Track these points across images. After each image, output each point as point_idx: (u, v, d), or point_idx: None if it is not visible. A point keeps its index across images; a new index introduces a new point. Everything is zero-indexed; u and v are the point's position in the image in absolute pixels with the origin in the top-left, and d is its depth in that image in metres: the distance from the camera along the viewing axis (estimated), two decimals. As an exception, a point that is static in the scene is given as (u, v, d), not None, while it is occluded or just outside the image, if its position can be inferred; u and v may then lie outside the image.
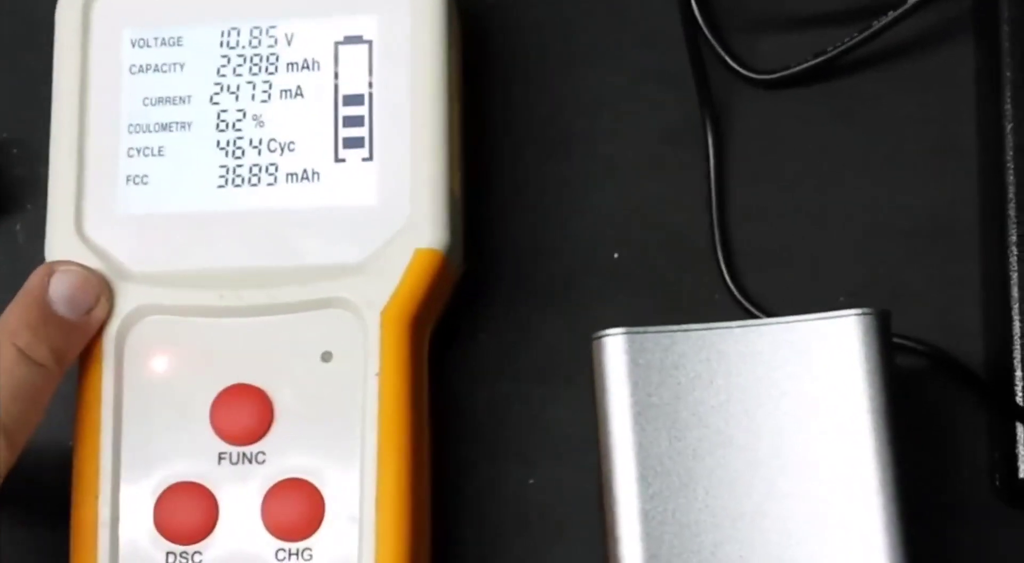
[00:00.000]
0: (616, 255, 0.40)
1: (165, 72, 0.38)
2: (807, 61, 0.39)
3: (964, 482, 0.37)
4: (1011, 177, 0.37)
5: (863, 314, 0.33)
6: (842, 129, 0.40)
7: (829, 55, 0.39)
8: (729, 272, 0.39)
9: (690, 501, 0.33)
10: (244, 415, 0.36)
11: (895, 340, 0.35)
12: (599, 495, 0.34)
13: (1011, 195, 0.37)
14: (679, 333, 0.34)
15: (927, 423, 0.38)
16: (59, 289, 0.35)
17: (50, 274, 0.36)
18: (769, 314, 0.37)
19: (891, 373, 0.33)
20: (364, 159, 0.37)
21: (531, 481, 0.38)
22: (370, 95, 0.38)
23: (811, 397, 0.34)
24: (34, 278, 0.36)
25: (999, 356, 0.37)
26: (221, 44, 0.38)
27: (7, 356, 0.34)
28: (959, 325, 0.38)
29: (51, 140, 0.38)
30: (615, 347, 0.34)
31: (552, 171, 0.40)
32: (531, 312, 0.39)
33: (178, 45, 0.38)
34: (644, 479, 0.33)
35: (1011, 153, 0.37)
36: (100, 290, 0.36)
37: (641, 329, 0.34)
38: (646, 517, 0.33)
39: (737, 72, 0.40)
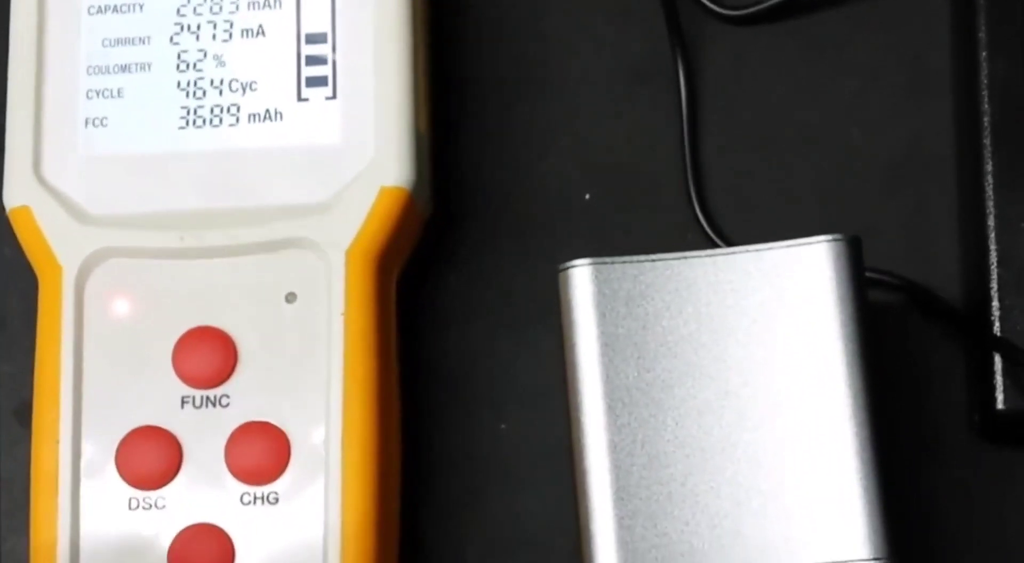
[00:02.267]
0: (587, 196, 0.39)
1: (124, 12, 0.37)
2: (779, -3, 0.39)
3: (940, 420, 0.37)
4: (986, 106, 0.36)
5: (833, 240, 0.33)
6: (814, 64, 0.39)
7: (799, -9, 0.39)
8: (702, 210, 0.38)
9: (659, 432, 0.32)
10: (207, 358, 0.36)
11: (868, 274, 0.35)
12: (567, 429, 0.33)
13: (986, 124, 0.36)
14: (646, 263, 0.33)
15: (902, 360, 0.37)
16: None
17: None
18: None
19: (863, 300, 0.33)
20: (327, 98, 0.37)
21: (502, 426, 0.38)
22: (333, 32, 0.37)
23: (782, 326, 0.33)
24: None
25: (975, 288, 0.36)
26: (181, -17, 0.38)
27: None
28: (934, 260, 0.38)
29: (8, 83, 0.37)
30: (581, 278, 0.33)
31: (521, 111, 0.40)
32: (501, 254, 0.39)
33: (137, -15, 0.38)
34: (612, 410, 0.33)
35: (986, 82, 0.36)
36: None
37: (608, 259, 0.33)
38: (614, 449, 0.32)
39: (707, 8, 0.39)
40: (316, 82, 0.37)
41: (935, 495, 0.37)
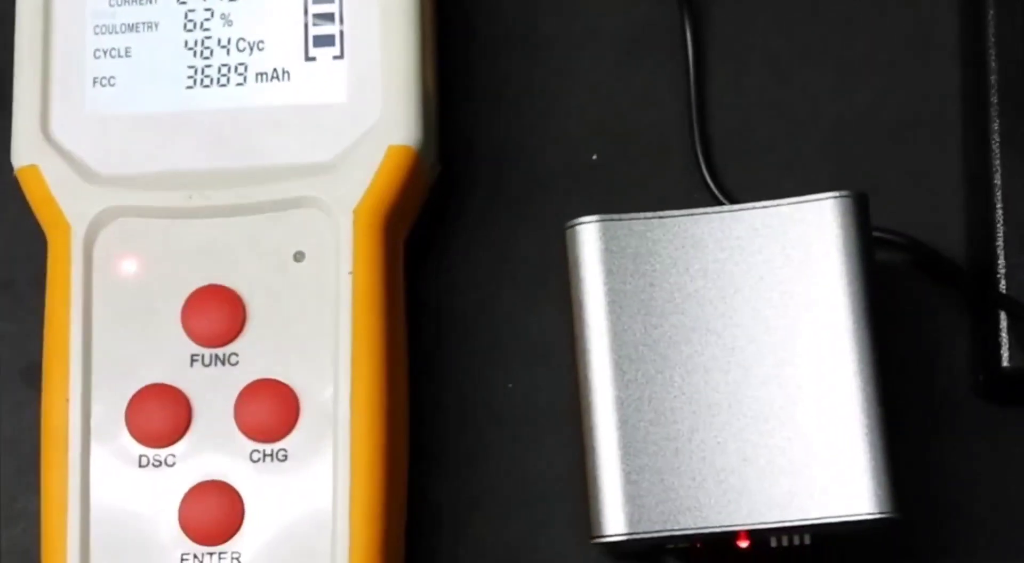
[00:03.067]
0: (594, 156, 0.39)
1: (131, -28, 0.38)
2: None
3: (945, 378, 0.37)
4: (993, 66, 0.36)
5: (840, 197, 0.33)
6: (820, 24, 0.39)
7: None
8: (708, 169, 0.38)
9: (666, 388, 0.33)
10: (216, 316, 0.36)
11: (874, 234, 0.35)
12: (575, 385, 0.34)
13: (993, 84, 0.36)
14: (654, 220, 0.33)
15: (907, 319, 0.37)
16: None
17: None
18: (748, 207, 0.37)
19: (870, 256, 0.33)
20: (335, 57, 0.37)
21: (509, 385, 0.38)
22: (340, -9, 0.37)
23: (788, 282, 0.33)
24: None
25: (981, 248, 0.36)
26: (188, -58, 0.38)
27: None
28: (940, 220, 0.38)
29: (15, 43, 0.37)
30: (589, 235, 0.33)
31: (527, 71, 0.40)
32: (508, 215, 0.39)
33: (144, -56, 0.38)
34: (619, 367, 0.33)
35: (993, 41, 0.36)
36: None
37: (615, 216, 0.33)
38: (622, 404, 0.33)
39: (714, -32, 0.39)
40: (323, 41, 0.37)
41: (939, 453, 0.37)
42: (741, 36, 0.39)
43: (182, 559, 0.35)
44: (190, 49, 0.37)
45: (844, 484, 0.32)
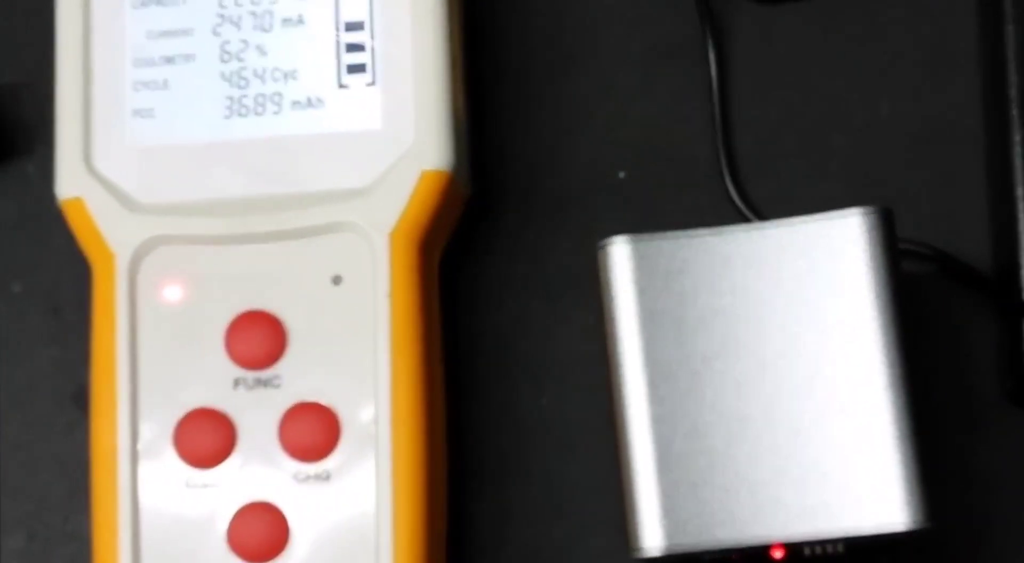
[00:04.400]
0: (622, 174, 0.40)
1: (167, 5, 0.38)
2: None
3: (974, 386, 0.37)
4: (1013, 77, 0.37)
5: (866, 213, 0.34)
6: (842, 39, 0.40)
7: (829, -33, 0.39)
8: (734, 185, 0.39)
9: (699, 404, 0.33)
10: (258, 340, 0.37)
11: (900, 245, 0.35)
12: (609, 403, 0.34)
13: (1013, 95, 0.37)
14: (683, 239, 0.34)
15: (934, 329, 0.38)
16: None
17: None
18: (776, 221, 0.38)
19: (896, 271, 0.34)
20: (368, 84, 0.38)
21: (543, 400, 0.39)
22: (371, 20, 0.38)
23: (817, 297, 0.34)
24: None
25: (1005, 256, 0.37)
26: (221, -25, 0.38)
27: None
28: (964, 229, 0.38)
29: (56, 78, 0.38)
30: (620, 254, 0.34)
31: (555, 91, 0.40)
32: (538, 232, 0.39)
33: (178, -22, 0.39)
34: (653, 384, 0.33)
35: (1012, 52, 0.37)
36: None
37: (646, 236, 0.34)
38: (656, 421, 0.33)
39: (736, -13, 0.40)
40: (356, 69, 0.38)
41: (970, 461, 0.37)
42: (763, 53, 0.40)
43: (230, 578, 0.36)
44: (226, 80, 0.38)
45: (877, 495, 0.33)
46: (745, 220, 0.38)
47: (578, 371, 0.38)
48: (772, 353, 0.34)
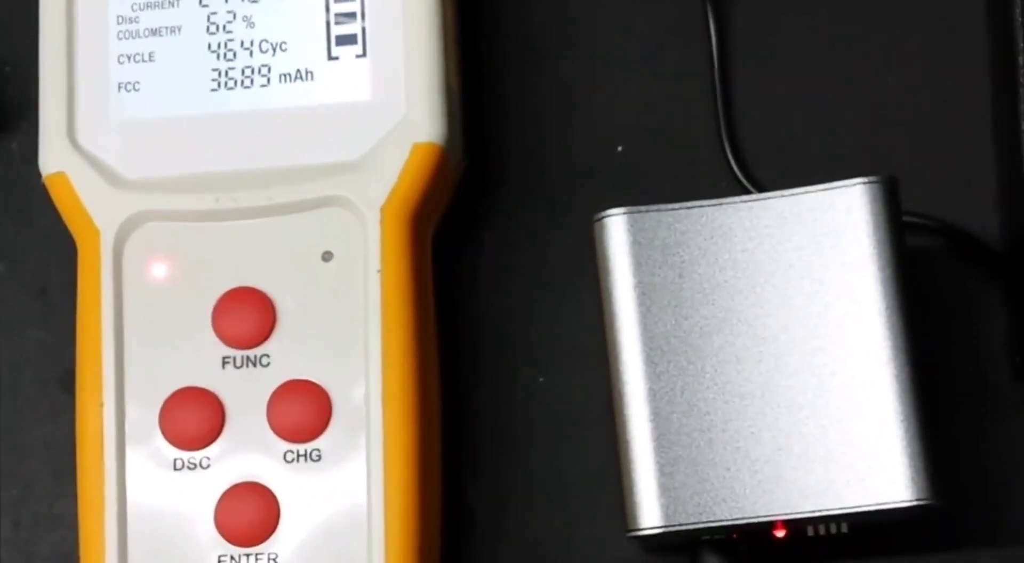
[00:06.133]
0: (620, 148, 0.39)
1: (152, -24, 0.38)
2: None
3: (981, 363, 0.37)
4: (1022, 47, 0.36)
5: (869, 182, 0.33)
6: (847, 14, 0.39)
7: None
8: (735, 159, 0.38)
9: (698, 379, 0.32)
10: (246, 318, 0.36)
11: (906, 218, 0.34)
12: (607, 379, 0.33)
13: (1022, 64, 0.36)
14: (681, 211, 0.33)
15: (941, 304, 0.37)
16: None
17: None
18: (776, 196, 0.37)
19: (901, 242, 0.33)
20: (358, 56, 0.37)
21: (541, 379, 0.38)
22: (361, -10, 0.37)
23: (819, 270, 0.33)
24: None
25: (1014, 231, 0.36)
26: (208, -55, 0.38)
27: None
28: (972, 205, 0.37)
29: (40, 52, 0.38)
30: (617, 227, 0.33)
31: (553, 66, 0.39)
32: (535, 209, 0.39)
33: (164, -52, 0.38)
34: (651, 359, 0.33)
35: (1021, 24, 0.36)
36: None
37: (643, 208, 0.33)
38: (654, 397, 0.32)
39: (737, -42, 0.39)
40: (346, 40, 0.37)
41: (976, 438, 0.36)
42: (767, 24, 0.39)
43: (219, 561, 0.35)
44: (213, 52, 0.37)
45: (880, 471, 0.32)
46: (746, 193, 0.38)
47: (577, 351, 0.38)
48: (773, 327, 0.33)
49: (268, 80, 0.37)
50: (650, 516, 0.32)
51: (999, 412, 0.37)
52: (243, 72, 0.37)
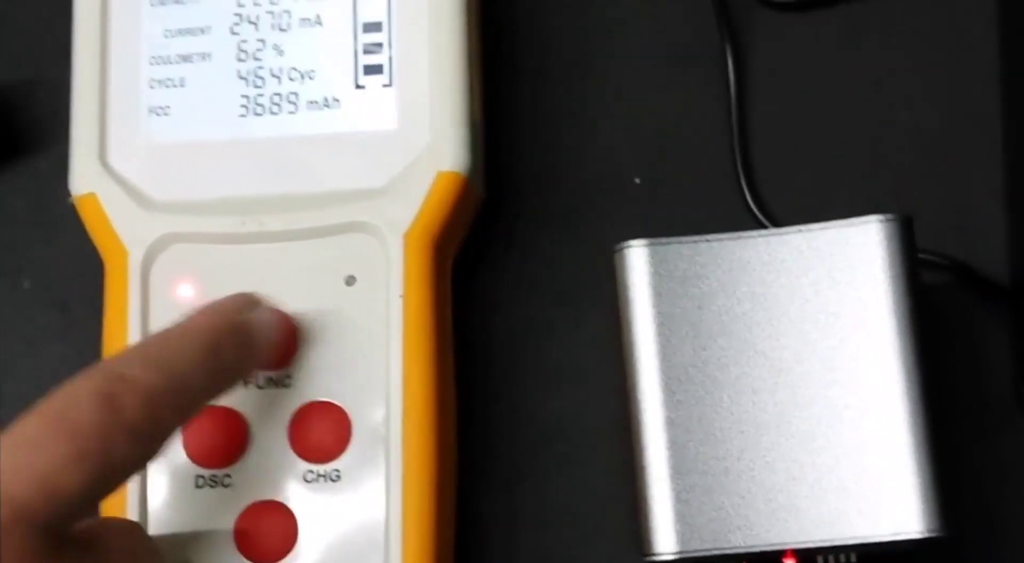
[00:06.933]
0: (637, 179, 0.40)
1: (185, 3, 0.38)
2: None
3: (990, 395, 0.37)
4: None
5: (885, 220, 0.33)
6: (860, 46, 0.40)
7: (848, -24, 0.39)
8: (750, 191, 0.39)
9: (715, 409, 0.33)
10: (270, 339, 0.37)
11: (919, 255, 0.35)
12: (625, 406, 0.34)
13: (1032, 102, 0.36)
14: (701, 243, 0.34)
15: (951, 337, 0.38)
16: (260, 316, 0.35)
17: (256, 302, 0.35)
18: (792, 229, 0.37)
19: (915, 279, 0.33)
20: (384, 85, 0.38)
21: (556, 403, 0.38)
22: (389, 21, 0.38)
23: (834, 304, 0.34)
24: (238, 297, 0.35)
25: (1022, 264, 0.37)
26: (240, -26, 0.38)
27: (199, 345, 0.33)
28: (982, 237, 0.38)
29: (73, 74, 0.38)
30: (637, 258, 0.34)
31: (571, 94, 0.40)
32: (553, 235, 0.39)
33: (197, -24, 0.39)
34: (668, 388, 0.33)
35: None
36: (293, 333, 0.36)
37: (663, 240, 0.34)
38: (671, 425, 0.33)
39: (755, -5, 0.40)
40: (373, 70, 0.38)
41: (985, 469, 0.37)
42: (782, 56, 0.40)
43: (238, 578, 0.35)
44: (243, 78, 0.38)
45: (892, 502, 0.33)
46: (760, 226, 0.38)
47: (591, 375, 0.38)
48: (788, 359, 0.33)
49: (296, 107, 0.38)
50: (665, 542, 0.33)
51: (1006, 442, 0.37)
52: (271, 99, 0.38)
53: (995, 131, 0.39)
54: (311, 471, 0.36)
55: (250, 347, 0.35)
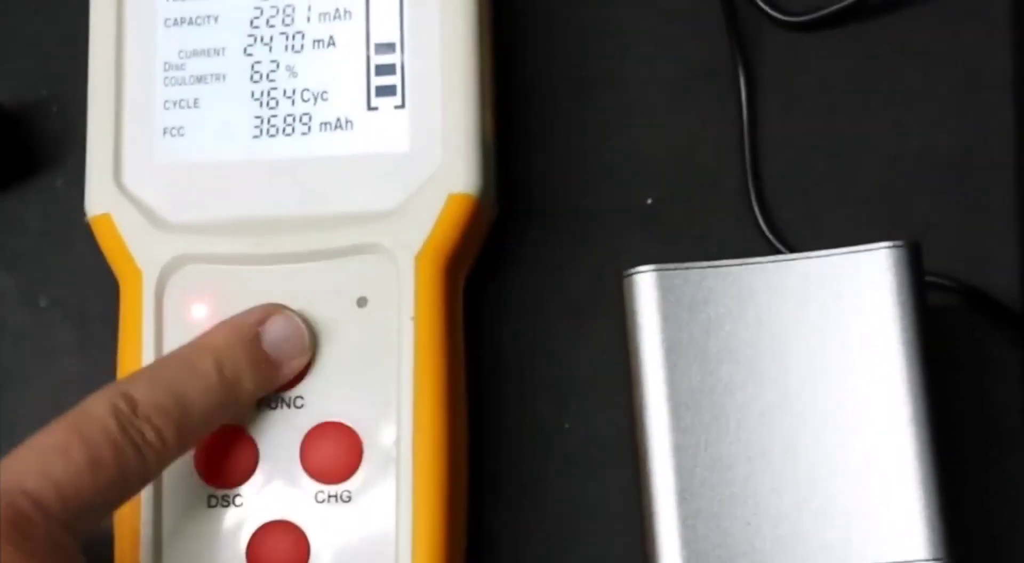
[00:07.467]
0: (649, 201, 0.40)
1: (199, 24, 0.39)
2: (840, 3, 0.39)
3: (1000, 421, 0.37)
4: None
5: (894, 247, 0.33)
6: (873, 68, 0.40)
7: (862, -4, 0.39)
8: (762, 212, 0.39)
9: (721, 435, 0.33)
10: (281, 360, 0.37)
11: (927, 278, 0.35)
12: (632, 431, 0.34)
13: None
14: (709, 269, 0.34)
15: (961, 362, 0.38)
16: (274, 330, 0.36)
17: (269, 314, 0.36)
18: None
19: (923, 306, 0.33)
20: (397, 106, 0.38)
21: (567, 425, 0.39)
22: (401, 43, 0.38)
23: (842, 331, 0.34)
24: (253, 312, 0.36)
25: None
26: (254, -5, 0.39)
27: (207, 365, 0.35)
28: (994, 260, 0.38)
29: (89, 94, 0.39)
30: (646, 284, 0.34)
31: (582, 112, 0.40)
32: (564, 254, 0.40)
33: (211, -3, 0.39)
34: (676, 413, 0.33)
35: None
36: (306, 347, 0.36)
37: (671, 266, 0.34)
38: (678, 451, 0.33)
39: (766, 14, 0.40)
40: (385, 91, 0.38)
41: (994, 496, 0.37)
42: (793, 76, 0.40)
43: (250, 597, 0.36)
44: (256, 100, 0.38)
45: (898, 529, 0.33)
46: (772, 248, 0.38)
47: (600, 394, 0.38)
48: (795, 386, 0.33)
49: (309, 128, 0.38)
50: (672, 568, 0.33)
51: (1016, 468, 0.37)
52: (285, 120, 0.38)
53: (1009, 152, 0.39)
54: (322, 491, 0.36)
55: (263, 363, 0.35)
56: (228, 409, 0.35)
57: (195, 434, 0.35)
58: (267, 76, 0.38)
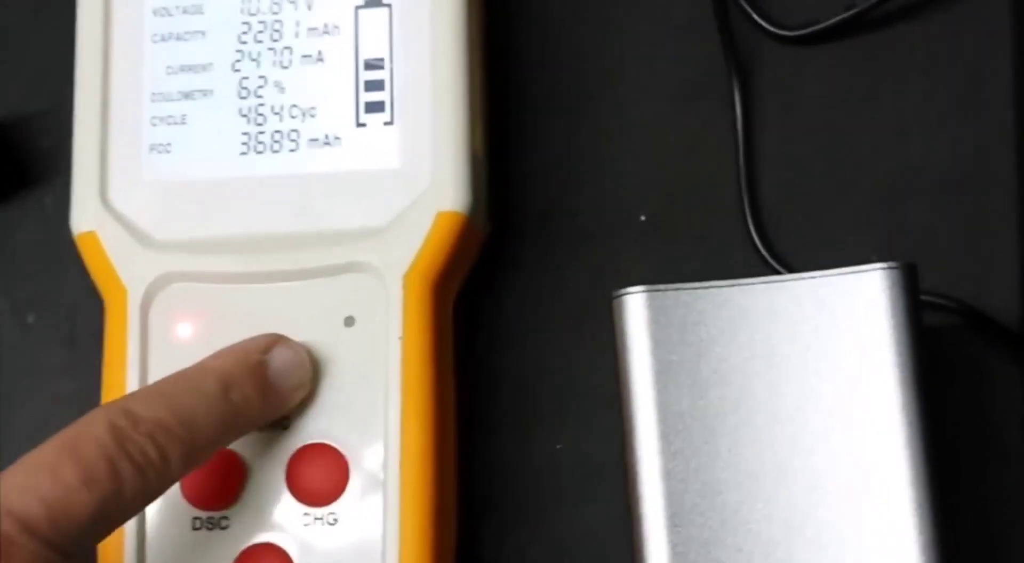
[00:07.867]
0: (643, 217, 0.39)
1: (187, 40, 0.38)
2: (836, 16, 0.39)
3: (998, 441, 0.37)
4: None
5: (888, 268, 0.33)
6: (871, 83, 0.39)
7: (859, 9, 0.38)
8: (756, 229, 0.38)
9: (713, 459, 0.33)
10: (268, 381, 0.36)
11: (925, 298, 0.34)
12: (622, 454, 0.34)
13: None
14: (700, 290, 0.33)
15: (959, 383, 0.37)
16: (280, 359, 0.35)
17: (274, 343, 0.36)
18: (797, 271, 0.37)
19: (918, 328, 0.33)
20: (385, 123, 0.37)
21: (559, 446, 0.38)
22: (390, 59, 0.37)
23: (836, 353, 0.33)
24: (258, 339, 0.36)
25: (1034, 312, 0.36)
26: (241, 11, 0.38)
27: (211, 386, 0.34)
28: (994, 277, 0.38)
29: (75, 110, 0.38)
30: (636, 305, 0.33)
31: (576, 129, 0.40)
32: (556, 272, 0.39)
33: (199, 13, 0.38)
34: (666, 437, 0.33)
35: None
36: (308, 378, 0.36)
37: (662, 287, 0.33)
38: (668, 475, 0.33)
39: (762, 28, 0.39)
40: (374, 108, 0.37)
41: (994, 516, 0.36)
42: (790, 91, 0.39)
43: (235, 620, 0.35)
44: (244, 116, 0.38)
45: (893, 556, 0.32)
46: (767, 266, 0.38)
47: (593, 413, 0.38)
48: (788, 409, 0.33)
49: (297, 145, 0.37)
50: (661, 596, 0.32)
51: (1015, 490, 0.37)
52: (272, 136, 0.38)
53: (1008, 170, 0.38)
54: (308, 514, 0.36)
55: (267, 390, 0.35)
56: (233, 433, 0.35)
57: (202, 454, 0.34)
58: (255, 92, 0.38)
